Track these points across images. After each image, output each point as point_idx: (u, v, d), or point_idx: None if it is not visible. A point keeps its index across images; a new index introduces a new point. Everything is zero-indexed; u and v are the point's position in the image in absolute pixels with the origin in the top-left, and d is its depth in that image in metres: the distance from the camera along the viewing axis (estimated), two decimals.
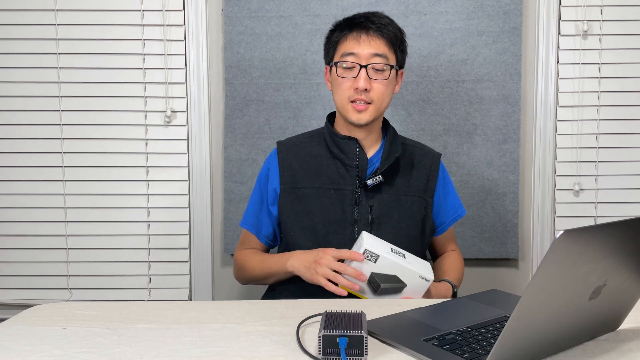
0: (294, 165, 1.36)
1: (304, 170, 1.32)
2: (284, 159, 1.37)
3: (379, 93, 1.29)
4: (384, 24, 1.29)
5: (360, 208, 1.30)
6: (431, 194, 1.37)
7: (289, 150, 1.38)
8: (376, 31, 1.28)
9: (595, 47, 1.78)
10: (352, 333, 0.81)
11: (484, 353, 0.83)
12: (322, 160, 1.34)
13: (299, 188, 1.33)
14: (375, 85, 1.28)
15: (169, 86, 1.81)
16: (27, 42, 1.79)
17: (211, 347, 0.87)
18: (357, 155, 1.32)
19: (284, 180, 1.35)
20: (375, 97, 1.29)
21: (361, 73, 1.27)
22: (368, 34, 1.28)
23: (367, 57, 1.27)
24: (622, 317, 0.93)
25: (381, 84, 1.29)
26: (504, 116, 1.78)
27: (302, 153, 1.37)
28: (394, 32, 1.30)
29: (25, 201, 1.83)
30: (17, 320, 1.00)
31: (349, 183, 1.31)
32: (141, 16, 1.79)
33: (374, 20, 1.29)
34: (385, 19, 1.31)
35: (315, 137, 1.40)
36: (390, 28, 1.30)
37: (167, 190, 1.83)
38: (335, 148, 1.34)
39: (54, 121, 1.81)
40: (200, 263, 1.86)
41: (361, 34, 1.28)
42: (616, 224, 0.73)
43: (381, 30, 1.29)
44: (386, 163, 1.31)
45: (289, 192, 1.33)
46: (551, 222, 1.83)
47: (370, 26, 1.28)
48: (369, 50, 1.27)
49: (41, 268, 1.85)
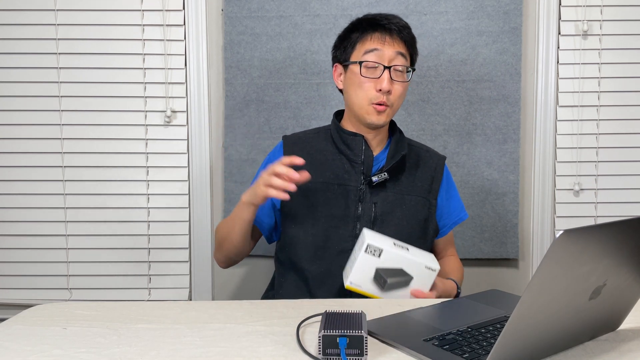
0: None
1: (309, 165, 1.31)
2: (288, 153, 1.36)
3: (397, 95, 1.30)
4: (404, 26, 1.32)
5: (363, 205, 1.31)
6: (435, 195, 1.37)
7: (295, 144, 1.39)
8: (398, 33, 1.30)
9: (595, 47, 1.78)
10: (352, 333, 0.81)
11: (484, 353, 0.83)
12: (328, 155, 1.35)
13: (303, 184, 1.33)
14: (395, 87, 1.29)
15: (169, 86, 1.81)
16: (27, 42, 1.79)
17: (211, 347, 0.87)
18: (363, 152, 1.32)
19: None
20: (394, 99, 1.30)
21: (384, 74, 1.27)
22: (392, 35, 1.29)
23: (391, 57, 1.28)
24: (622, 317, 0.93)
25: (401, 86, 1.30)
26: (504, 116, 1.78)
27: (308, 147, 1.37)
28: (412, 35, 1.33)
29: (25, 201, 1.83)
30: (17, 320, 1.00)
31: (354, 179, 1.32)
32: (141, 16, 1.79)
33: (395, 21, 1.31)
34: (402, 21, 1.33)
35: (321, 133, 1.41)
36: (408, 31, 1.32)
37: (167, 190, 1.83)
38: (342, 144, 1.34)
39: (54, 121, 1.81)
40: (200, 263, 1.86)
41: (385, 35, 1.29)
42: (616, 224, 0.73)
43: (402, 32, 1.30)
44: (392, 160, 1.32)
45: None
46: (551, 222, 1.83)
47: (393, 28, 1.30)
48: (393, 50, 1.28)
49: (41, 268, 1.85)
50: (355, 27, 1.34)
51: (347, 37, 1.34)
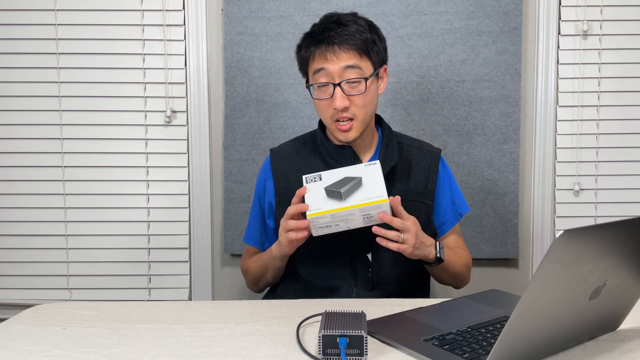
0: (289, 175, 1.31)
1: (299, 181, 1.26)
2: (277, 169, 1.33)
3: (359, 106, 1.22)
4: (350, 33, 1.20)
5: None
6: (430, 197, 1.32)
7: (282, 159, 1.34)
8: (342, 43, 1.19)
9: (595, 47, 1.78)
10: (352, 333, 0.81)
11: (484, 353, 0.83)
12: (317, 170, 1.28)
13: None
14: (354, 99, 1.21)
15: (169, 86, 1.81)
16: (27, 42, 1.79)
17: (211, 347, 0.87)
18: (351, 164, 1.25)
19: (279, 192, 1.31)
20: (357, 111, 1.22)
21: (336, 92, 1.20)
22: (334, 50, 1.19)
23: (339, 73, 1.20)
24: (622, 317, 0.93)
25: (360, 98, 1.21)
26: (504, 116, 1.78)
27: (297, 162, 1.33)
28: (362, 37, 1.21)
29: (25, 201, 1.83)
30: (17, 320, 1.00)
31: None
32: (141, 16, 1.79)
33: (338, 31, 1.20)
34: (350, 23, 1.22)
35: (308, 143, 1.36)
36: (358, 35, 1.20)
37: (167, 190, 1.83)
38: (330, 157, 1.29)
39: (54, 121, 1.81)
40: (200, 263, 1.86)
41: (327, 52, 1.20)
42: (616, 224, 0.73)
43: (348, 42, 1.19)
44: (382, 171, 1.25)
45: (284, 204, 1.26)
46: (551, 222, 1.83)
47: (335, 41, 1.19)
48: (338, 65, 1.19)
49: (41, 268, 1.85)
50: (302, 43, 1.26)
51: (298, 54, 1.28)
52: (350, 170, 1.17)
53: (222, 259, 1.88)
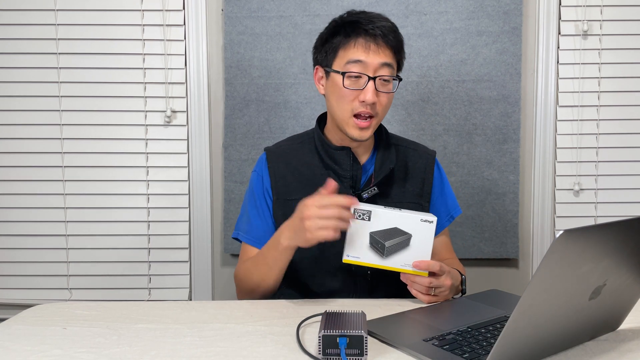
0: (286, 175, 1.28)
1: (297, 181, 1.25)
2: (274, 168, 1.29)
3: (383, 106, 1.21)
4: (390, 31, 1.20)
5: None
6: (427, 198, 1.31)
7: (279, 158, 1.30)
8: (384, 38, 1.19)
9: (595, 47, 1.78)
10: (352, 333, 0.81)
11: (484, 353, 0.83)
12: (315, 170, 1.27)
13: (292, 200, 1.22)
14: (380, 99, 1.20)
15: (169, 86, 1.81)
16: (27, 42, 1.79)
17: (211, 347, 0.87)
18: (350, 166, 1.26)
19: (277, 190, 1.28)
20: (380, 110, 1.21)
21: (369, 85, 1.18)
22: (377, 42, 1.18)
23: (376, 68, 1.18)
24: (622, 317, 0.93)
25: (386, 97, 1.21)
26: (504, 116, 1.78)
27: (294, 162, 1.30)
28: (399, 39, 1.22)
29: (25, 201, 1.83)
30: (17, 320, 1.00)
31: (343, 194, 1.20)
32: (141, 16, 1.79)
33: (381, 25, 1.19)
34: (389, 23, 1.22)
35: (305, 143, 1.32)
36: (395, 35, 1.21)
37: (167, 190, 1.83)
38: (328, 159, 1.27)
39: (54, 121, 1.81)
40: (200, 263, 1.86)
41: (370, 42, 1.18)
42: (616, 224, 0.73)
43: (388, 38, 1.19)
44: (380, 174, 1.26)
45: (282, 204, 1.26)
46: (551, 222, 1.83)
47: (379, 33, 1.18)
48: (378, 60, 1.18)
49: (41, 268, 1.85)
50: (337, 31, 1.22)
51: (329, 40, 1.24)
52: (405, 217, 1.09)
53: (222, 259, 1.88)
